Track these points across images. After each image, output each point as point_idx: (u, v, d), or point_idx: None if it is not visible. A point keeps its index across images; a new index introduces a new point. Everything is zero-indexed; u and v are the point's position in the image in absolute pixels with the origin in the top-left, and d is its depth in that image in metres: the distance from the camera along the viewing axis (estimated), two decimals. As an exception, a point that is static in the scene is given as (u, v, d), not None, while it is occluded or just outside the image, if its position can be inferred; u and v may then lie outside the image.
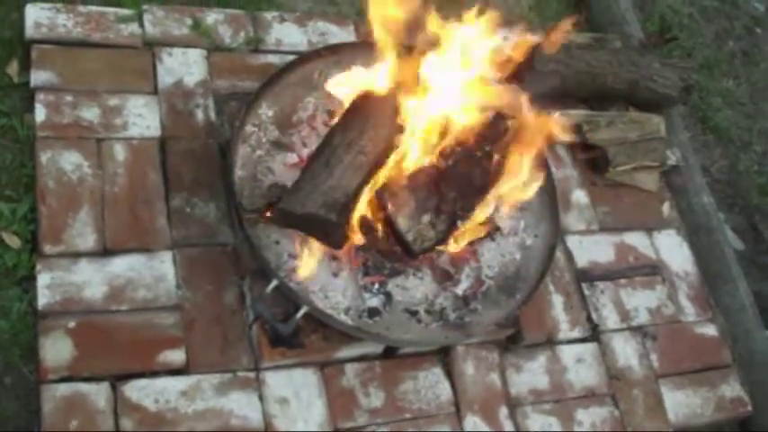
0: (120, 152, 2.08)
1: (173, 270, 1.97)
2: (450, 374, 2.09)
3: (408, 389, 2.04)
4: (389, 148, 1.90)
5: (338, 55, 2.31)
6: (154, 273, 1.96)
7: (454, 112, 2.03)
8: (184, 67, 2.27)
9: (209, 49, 2.33)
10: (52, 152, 2.02)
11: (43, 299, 1.85)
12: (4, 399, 1.80)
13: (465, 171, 1.97)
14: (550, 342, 2.25)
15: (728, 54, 3.33)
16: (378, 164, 1.89)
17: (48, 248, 1.91)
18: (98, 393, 1.79)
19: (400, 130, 1.92)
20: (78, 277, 1.89)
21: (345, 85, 2.13)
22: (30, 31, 2.16)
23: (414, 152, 2.00)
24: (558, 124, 2.06)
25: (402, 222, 1.91)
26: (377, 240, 2.02)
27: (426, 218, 1.93)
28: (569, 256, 2.41)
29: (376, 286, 2.01)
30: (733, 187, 2.98)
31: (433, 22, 2.00)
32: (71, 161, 2.03)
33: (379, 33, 1.97)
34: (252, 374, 1.93)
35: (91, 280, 1.90)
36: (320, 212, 1.81)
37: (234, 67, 2.33)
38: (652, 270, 2.51)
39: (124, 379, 1.82)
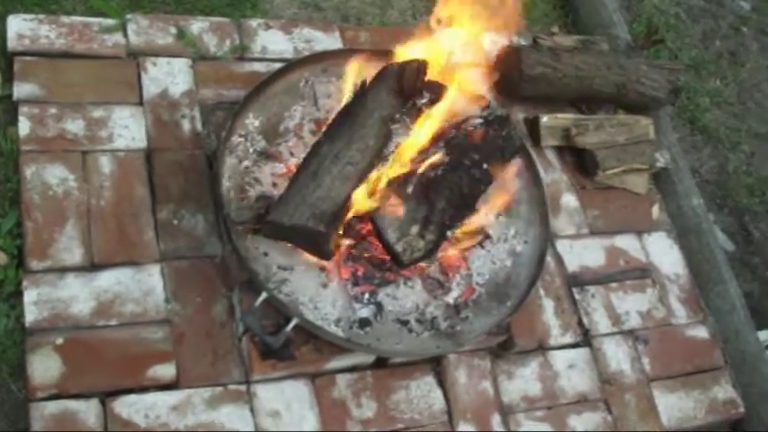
0: (105, 165, 2.06)
1: (161, 283, 1.96)
2: (442, 383, 2.08)
3: (400, 398, 2.03)
4: (378, 158, 1.89)
5: (324, 62, 2.30)
6: (142, 286, 1.94)
7: (443, 119, 2.03)
8: (169, 77, 2.24)
9: (195, 58, 2.31)
10: (37, 166, 2.00)
11: (30, 315, 1.83)
12: (-7, 417, 1.79)
13: (454, 180, 1.96)
14: (542, 348, 2.24)
15: (715, 54, 3.33)
16: (366, 174, 1.88)
17: (34, 264, 1.89)
18: (87, 411, 1.77)
19: (389, 139, 1.91)
20: (65, 293, 1.87)
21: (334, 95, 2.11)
22: (12, 43, 2.14)
23: (402, 162, 1.98)
24: None
25: (391, 233, 1.90)
26: (366, 250, 2.01)
27: (415, 229, 1.92)
28: (559, 260, 2.40)
29: (366, 296, 2.00)
30: (722, 188, 2.98)
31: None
32: (56, 175, 2.01)
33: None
34: (243, 387, 1.91)
35: (78, 295, 1.88)
36: (309, 224, 1.80)
37: (219, 76, 2.30)
38: (642, 273, 2.50)
39: (114, 395, 1.81)
